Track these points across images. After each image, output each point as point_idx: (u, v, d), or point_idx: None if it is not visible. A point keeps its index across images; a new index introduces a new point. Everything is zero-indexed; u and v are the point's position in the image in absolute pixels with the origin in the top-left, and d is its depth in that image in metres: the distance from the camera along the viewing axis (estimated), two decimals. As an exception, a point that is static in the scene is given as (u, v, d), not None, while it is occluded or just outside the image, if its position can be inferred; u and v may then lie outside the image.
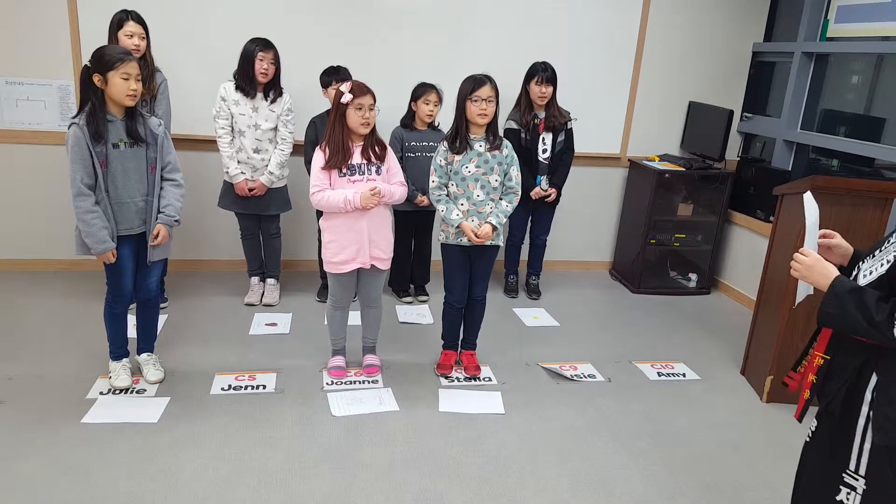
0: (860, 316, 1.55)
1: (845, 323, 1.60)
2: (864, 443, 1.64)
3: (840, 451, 1.69)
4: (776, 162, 4.78)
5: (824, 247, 1.87)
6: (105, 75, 2.67)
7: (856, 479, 1.67)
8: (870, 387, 1.62)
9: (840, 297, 1.60)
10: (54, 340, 3.50)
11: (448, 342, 3.48)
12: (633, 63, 4.87)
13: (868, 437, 1.63)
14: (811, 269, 1.71)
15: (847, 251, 1.87)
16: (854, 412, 1.65)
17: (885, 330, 1.51)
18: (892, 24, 3.98)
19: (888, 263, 1.59)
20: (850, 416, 1.65)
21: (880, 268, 1.61)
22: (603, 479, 2.67)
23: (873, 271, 1.63)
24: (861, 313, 1.55)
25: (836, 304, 1.61)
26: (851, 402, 1.65)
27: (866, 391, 1.62)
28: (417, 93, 3.99)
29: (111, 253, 2.81)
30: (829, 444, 1.75)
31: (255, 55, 3.71)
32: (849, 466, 1.67)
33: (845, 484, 1.69)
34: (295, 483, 2.52)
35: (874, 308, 1.53)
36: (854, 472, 1.66)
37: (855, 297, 1.57)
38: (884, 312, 1.51)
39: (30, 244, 4.41)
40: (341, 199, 2.98)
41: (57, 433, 2.72)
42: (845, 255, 1.88)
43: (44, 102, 4.18)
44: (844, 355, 1.69)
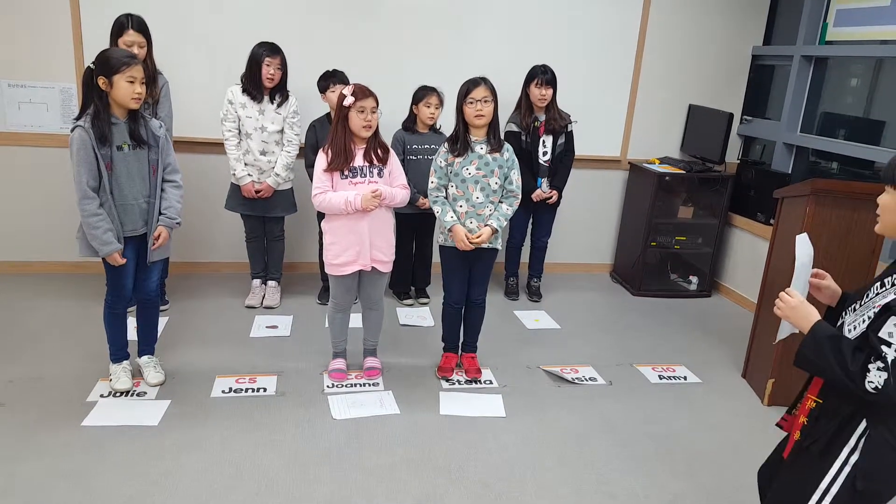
0: (835, 363, 1.57)
1: (820, 367, 1.63)
2: (830, 487, 1.65)
3: (803, 489, 1.70)
4: (776, 165, 4.78)
5: (814, 286, 1.90)
6: (110, 78, 2.68)
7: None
8: (856, 433, 1.63)
9: (818, 342, 1.63)
10: (54, 343, 3.50)
11: (449, 345, 3.48)
12: (633, 66, 4.88)
13: (836, 483, 1.64)
14: (795, 310, 1.73)
15: (836, 293, 1.90)
16: (832, 456, 1.66)
17: (857, 380, 1.53)
18: (890, 27, 3.98)
19: (868, 319, 1.60)
20: (826, 458, 1.66)
21: (861, 325, 1.62)
22: (604, 482, 2.67)
23: (856, 327, 1.64)
24: (836, 361, 1.57)
25: (813, 349, 1.64)
26: (832, 446, 1.66)
27: (851, 437, 1.64)
28: (418, 96, 4.00)
29: (118, 254, 2.82)
30: (794, 476, 1.76)
31: (262, 60, 3.72)
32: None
33: None
34: (295, 486, 2.52)
35: (850, 357, 1.55)
36: None
37: (833, 344, 1.59)
38: (858, 363, 1.53)
39: (31, 247, 4.40)
40: (342, 201, 2.98)
41: (57, 436, 2.71)
42: (834, 297, 1.90)
43: (46, 105, 4.18)
44: (837, 400, 1.69)
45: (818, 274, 1.91)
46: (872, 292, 1.67)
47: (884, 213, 1.71)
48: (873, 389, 1.51)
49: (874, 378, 1.51)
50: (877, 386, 1.50)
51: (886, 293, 1.61)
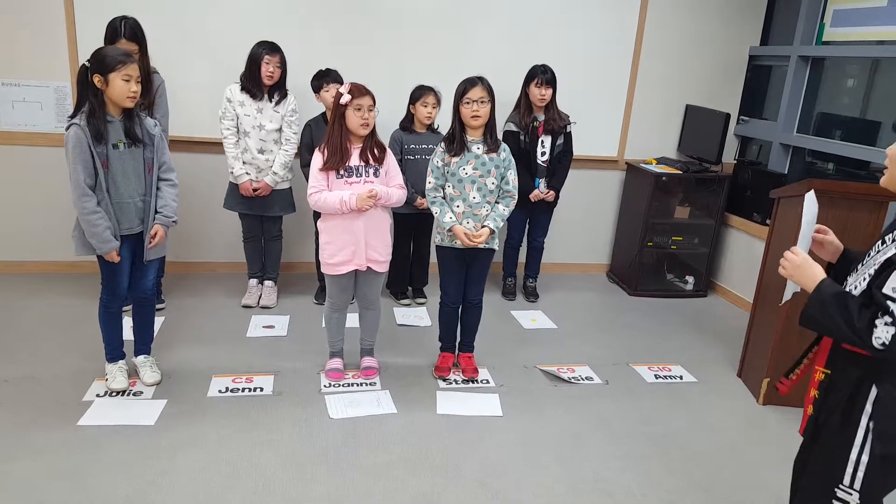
0: (842, 320, 1.55)
1: (826, 326, 1.61)
2: (861, 456, 1.63)
3: (835, 465, 1.67)
4: (772, 165, 4.79)
5: (817, 241, 1.89)
6: (106, 76, 2.67)
7: (849, 494, 1.66)
8: (870, 399, 1.61)
9: (824, 300, 1.61)
10: (50, 342, 3.49)
11: (445, 344, 3.48)
12: (630, 66, 4.88)
13: (865, 451, 1.62)
14: (799, 268, 1.70)
15: (837, 248, 1.89)
16: (852, 426, 1.64)
17: (864, 336, 1.51)
18: (887, 27, 4.00)
19: (870, 276, 1.59)
20: (847, 429, 1.65)
21: (863, 283, 1.62)
22: (600, 481, 2.67)
23: (858, 286, 1.64)
24: (843, 318, 1.55)
25: (819, 307, 1.61)
26: (849, 415, 1.64)
27: (866, 403, 1.62)
28: (415, 95, 3.99)
29: (115, 252, 2.81)
30: (822, 457, 1.74)
31: (261, 58, 3.72)
32: (843, 480, 1.66)
33: (838, 499, 1.68)
34: (293, 485, 2.51)
35: (856, 314, 1.53)
36: (848, 487, 1.65)
37: (839, 301, 1.58)
38: (864, 319, 1.52)
39: (26, 246, 4.39)
40: (337, 201, 2.98)
41: (53, 436, 2.70)
42: (835, 253, 1.90)
43: (40, 104, 4.17)
44: (843, 368, 1.68)
45: (820, 230, 1.90)
46: (874, 250, 1.66)
47: (892, 163, 1.68)
48: (881, 345, 1.49)
49: (881, 334, 1.49)
50: (884, 342, 1.49)
51: (887, 249, 1.60)
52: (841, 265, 1.86)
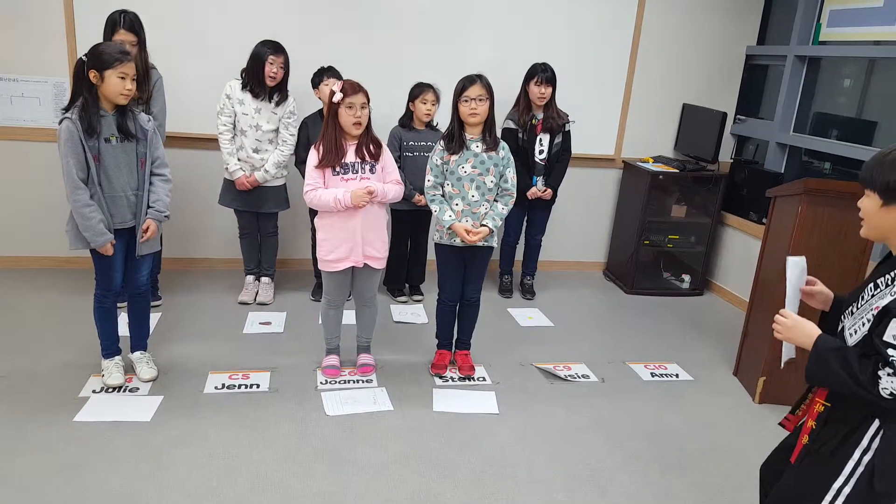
0: (845, 375, 1.56)
1: (832, 381, 1.62)
2: (844, 487, 1.64)
3: (815, 490, 1.68)
4: (769, 164, 4.80)
5: (806, 293, 1.89)
6: (102, 73, 2.68)
7: None
8: (868, 433, 1.62)
9: (823, 356, 1.62)
10: (46, 338, 3.48)
11: (442, 341, 3.48)
12: (627, 65, 4.89)
13: (849, 484, 1.63)
14: (793, 329, 1.72)
15: (828, 297, 1.89)
16: (844, 456, 1.64)
17: (869, 388, 1.52)
18: (883, 28, 4.01)
19: (868, 322, 1.59)
20: (837, 459, 1.65)
21: (862, 328, 1.61)
22: (596, 479, 2.68)
23: (857, 331, 1.64)
24: (845, 372, 1.56)
25: (819, 364, 1.62)
26: (843, 446, 1.65)
27: (863, 438, 1.62)
28: (414, 92, 3.99)
29: (110, 244, 2.82)
30: (803, 479, 1.75)
31: (265, 58, 3.71)
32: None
33: None
34: (289, 482, 2.52)
35: (857, 366, 1.54)
36: None
37: (838, 356, 1.59)
38: (867, 371, 1.53)
39: (23, 241, 4.38)
40: (332, 198, 2.98)
41: (49, 432, 2.70)
42: (826, 301, 1.90)
43: (38, 99, 4.16)
44: (847, 405, 1.67)
45: (809, 281, 1.90)
46: (867, 294, 1.65)
47: (867, 217, 1.67)
48: (889, 395, 1.50)
49: (887, 384, 1.50)
50: (892, 392, 1.49)
51: (882, 294, 1.60)
52: (834, 313, 1.86)
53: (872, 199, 1.63)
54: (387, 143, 3.95)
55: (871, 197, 1.64)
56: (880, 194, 1.61)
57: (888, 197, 1.60)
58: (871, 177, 1.62)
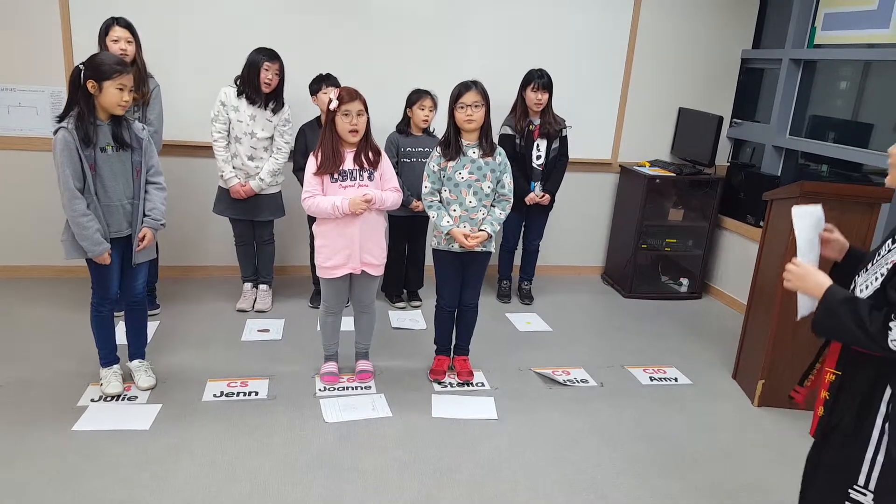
0: (854, 326, 1.53)
1: (839, 332, 1.59)
2: (876, 456, 1.61)
3: (849, 465, 1.66)
4: (766, 167, 4.81)
5: (823, 239, 1.86)
6: (100, 83, 2.68)
7: (863, 494, 1.64)
8: (884, 399, 1.59)
9: (832, 306, 1.59)
10: (44, 347, 3.48)
11: (441, 347, 3.48)
12: (623, 69, 4.90)
13: (881, 452, 1.60)
14: (803, 279, 1.69)
15: (843, 246, 1.88)
16: (867, 426, 1.62)
17: (880, 340, 1.49)
18: (877, 31, 4.02)
19: (882, 276, 1.57)
20: (861, 429, 1.63)
21: (875, 282, 1.59)
22: (595, 484, 2.68)
23: (869, 286, 1.62)
24: (855, 323, 1.53)
25: (828, 314, 1.60)
26: (864, 417, 1.63)
27: (881, 404, 1.60)
28: (412, 99, 4.00)
29: (107, 254, 2.82)
30: (836, 457, 1.72)
31: (260, 65, 3.72)
32: (857, 481, 1.64)
33: (851, 500, 1.66)
34: (287, 490, 2.51)
35: (868, 318, 1.51)
36: (863, 487, 1.64)
37: (848, 307, 1.56)
38: (878, 322, 1.50)
39: (19, 251, 4.38)
40: (329, 206, 2.98)
41: (47, 441, 2.70)
42: (841, 250, 1.88)
43: (35, 109, 4.17)
44: (856, 370, 1.66)
45: (826, 227, 1.87)
46: (885, 249, 1.63)
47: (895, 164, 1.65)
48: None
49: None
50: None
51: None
52: (846, 263, 1.85)
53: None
54: (384, 148, 3.96)
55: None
56: None
57: None
58: None
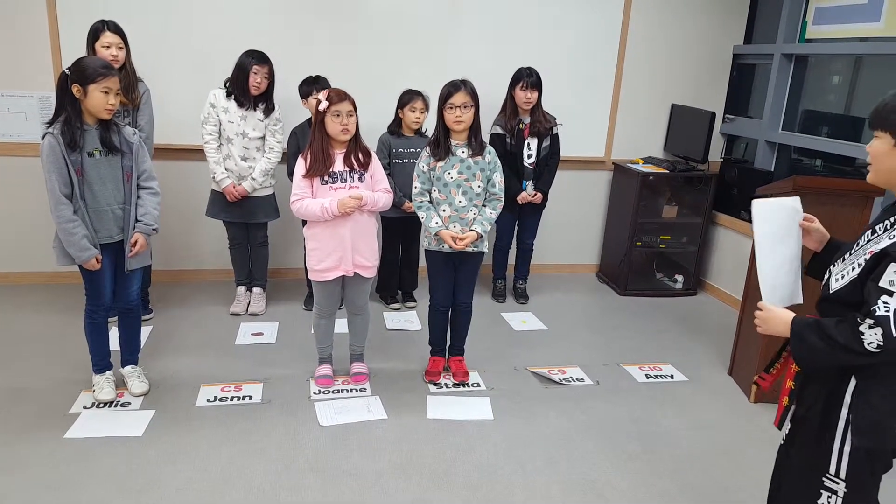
0: (825, 345, 1.56)
1: (818, 357, 1.61)
2: (843, 445, 1.63)
3: (819, 456, 1.68)
4: (759, 163, 4.81)
5: (804, 229, 1.89)
6: (85, 87, 2.66)
7: (836, 483, 1.66)
8: (849, 390, 1.61)
9: (802, 336, 1.62)
10: (36, 354, 3.46)
11: (436, 348, 3.47)
12: (615, 66, 4.89)
13: (848, 440, 1.62)
14: (769, 321, 1.73)
15: (823, 237, 1.90)
16: (833, 416, 1.64)
17: (855, 347, 1.51)
18: (868, 24, 4.02)
19: (859, 267, 1.58)
20: (829, 420, 1.65)
21: (851, 272, 1.61)
22: (592, 483, 2.67)
23: (844, 275, 1.63)
24: (825, 342, 1.56)
25: (801, 344, 1.63)
26: (831, 407, 1.65)
27: (846, 394, 1.62)
28: (403, 100, 3.98)
29: (95, 259, 2.79)
30: (807, 448, 1.74)
31: (249, 68, 3.70)
32: (829, 470, 1.66)
33: (825, 488, 1.68)
34: (283, 494, 2.50)
35: (836, 332, 1.54)
36: (834, 476, 1.66)
37: (815, 329, 1.59)
38: (846, 332, 1.52)
39: (11, 257, 4.35)
40: (318, 208, 2.97)
41: (40, 448, 2.68)
42: (821, 241, 1.90)
43: (24, 114, 4.14)
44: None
45: (807, 217, 1.90)
46: (863, 240, 1.64)
47: (875, 160, 1.65)
48: (876, 348, 1.48)
49: (871, 337, 1.48)
50: (878, 343, 1.47)
51: (879, 239, 1.58)
52: (826, 253, 1.87)
53: (884, 140, 1.61)
54: (375, 150, 3.94)
55: (882, 138, 1.61)
56: (893, 135, 1.59)
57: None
58: (884, 118, 1.60)
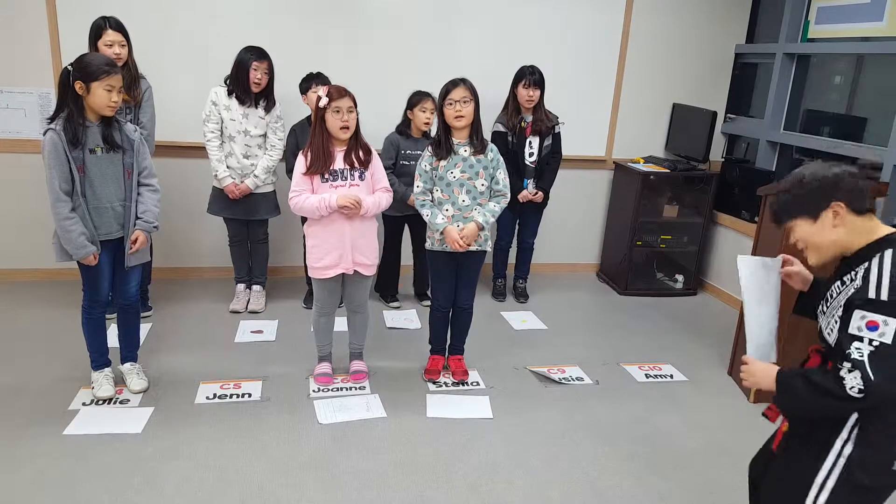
0: (810, 394, 1.57)
1: (805, 406, 1.63)
2: (827, 481, 1.64)
3: (800, 483, 1.68)
4: (760, 162, 4.80)
5: (784, 274, 1.91)
6: (88, 84, 2.65)
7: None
8: (848, 424, 1.62)
9: (788, 387, 1.64)
10: (35, 351, 3.45)
11: (435, 347, 3.46)
12: (616, 66, 4.88)
13: (832, 476, 1.63)
14: (755, 374, 1.75)
15: (807, 278, 1.91)
16: (826, 448, 1.64)
17: (840, 394, 1.51)
18: (871, 24, 4.01)
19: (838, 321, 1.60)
20: (820, 452, 1.65)
21: (835, 325, 1.62)
22: (591, 482, 2.66)
23: (833, 330, 1.64)
24: (810, 391, 1.57)
25: (788, 395, 1.65)
26: (826, 437, 1.65)
27: (843, 428, 1.62)
28: (413, 101, 3.97)
29: (93, 256, 2.79)
30: (789, 471, 1.75)
31: (249, 64, 3.70)
32: (805, 501, 1.66)
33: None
34: (281, 492, 2.49)
35: (821, 380, 1.55)
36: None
37: (800, 379, 1.60)
38: (829, 380, 1.53)
39: (9, 253, 4.35)
40: (317, 201, 2.96)
41: (39, 446, 2.68)
42: (805, 282, 1.91)
43: (24, 111, 4.13)
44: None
45: (787, 261, 1.91)
46: (835, 292, 1.66)
47: (812, 242, 1.68)
48: (858, 393, 1.49)
49: (851, 381, 1.50)
50: (860, 387, 1.49)
51: (847, 290, 1.61)
52: (812, 293, 1.88)
53: (803, 223, 1.66)
54: (383, 150, 3.94)
55: (800, 224, 1.67)
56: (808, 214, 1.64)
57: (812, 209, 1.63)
58: (790, 209, 1.67)
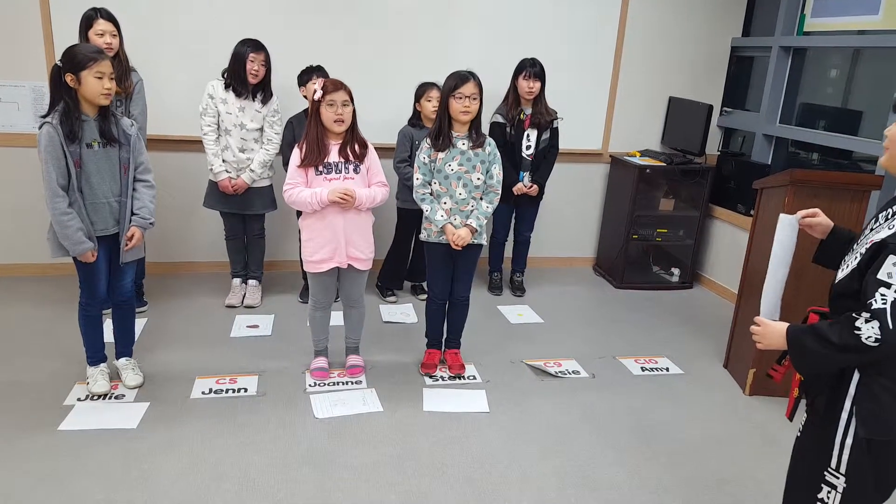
0: (822, 348, 1.56)
1: (818, 362, 1.61)
2: (845, 439, 1.62)
3: (822, 449, 1.67)
4: (756, 156, 4.80)
5: (806, 225, 1.92)
6: (78, 75, 2.63)
7: (836, 478, 1.65)
8: (853, 383, 1.61)
9: (798, 343, 1.63)
10: (30, 346, 3.44)
11: (431, 340, 3.46)
12: (613, 59, 4.87)
13: (850, 434, 1.61)
14: (766, 336, 1.74)
15: (827, 227, 1.92)
16: (837, 410, 1.63)
17: (853, 344, 1.50)
18: (867, 17, 4.01)
19: (860, 256, 1.58)
20: (832, 413, 1.64)
21: (853, 262, 1.61)
22: (587, 475, 2.67)
23: (848, 265, 1.63)
24: (822, 345, 1.56)
25: (799, 351, 1.64)
26: (835, 400, 1.64)
27: (849, 387, 1.61)
28: (419, 92, 3.98)
29: (91, 253, 2.77)
30: (812, 442, 1.74)
31: (246, 56, 3.68)
32: (830, 464, 1.65)
33: (826, 482, 1.67)
34: (278, 487, 2.49)
35: (829, 332, 1.54)
36: (835, 470, 1.65)
37: (809, 334, 1.60)
38: (841, 332, 1.52)
39: (4, 248, 4.32)
40: (309, 194, 2.95)
41: (34, 441, 2.66)
42: (825, 231, 1.92)
43: (17, 104, 4.10)
44: None
45: (809, 213, 1.92)
46: (867, 228, 1.65)
47: (893, 145, 1.64)
48: (875, 342, 1.47)
49: (868, 331, 1.47)
50: (876, 337, 1.47)
51: (880, 228, 1.58)
52: (831, 240, 1.89)
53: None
54: (397, 143, 3.93)
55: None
56: None
57: None
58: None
